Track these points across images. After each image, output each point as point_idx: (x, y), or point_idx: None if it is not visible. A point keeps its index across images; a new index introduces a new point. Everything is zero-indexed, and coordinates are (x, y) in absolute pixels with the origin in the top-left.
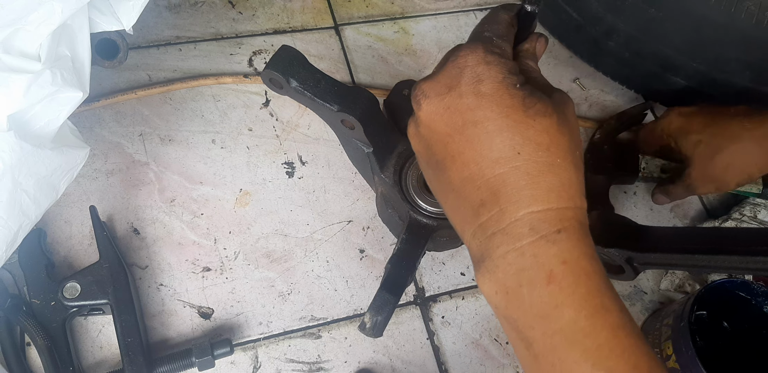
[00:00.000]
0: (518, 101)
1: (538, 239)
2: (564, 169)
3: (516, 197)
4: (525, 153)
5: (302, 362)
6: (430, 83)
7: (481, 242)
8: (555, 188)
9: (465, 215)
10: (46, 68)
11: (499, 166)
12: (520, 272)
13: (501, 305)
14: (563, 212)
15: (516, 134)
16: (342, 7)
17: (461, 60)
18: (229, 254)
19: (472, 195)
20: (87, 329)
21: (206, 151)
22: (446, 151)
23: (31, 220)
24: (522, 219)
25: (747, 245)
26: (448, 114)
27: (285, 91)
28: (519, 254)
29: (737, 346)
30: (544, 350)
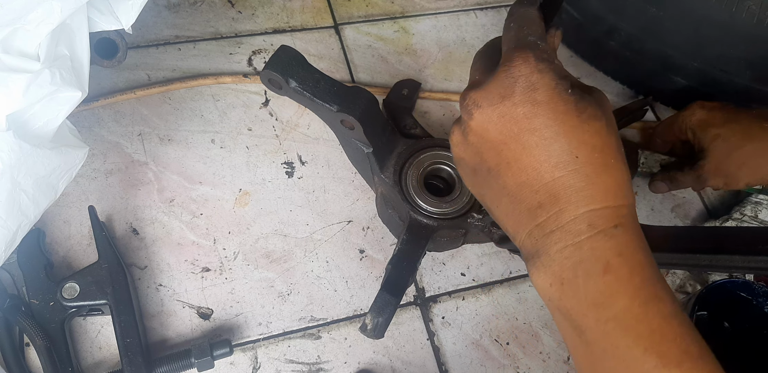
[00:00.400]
0: (572, 107)
1: (596, 233)
2: (617, 169)
3: (575, 197)
4: (582, 156)
5: (302, 363)
6: (481, 93)
7: (537, 240)
8: (611, 187)
9: (520, 217)
10: (45, 68)
11: (558, 171)
12: (578, 264)
13: (555, 296)
14: (619, 210)
15: (573, 139)
16: (342, 6)
17: (515, 70)
18: (229, 254)
19: (528, 198)
20: (86, 329)
21: (205, 151)
22: (500, 158)
23: (29, 220)
24: (581, 217)
25: (749, 245)
26: (502, 122)
27: (284, 92)
28: (577, 247)
29: (738, 346)
30: (597, 336)
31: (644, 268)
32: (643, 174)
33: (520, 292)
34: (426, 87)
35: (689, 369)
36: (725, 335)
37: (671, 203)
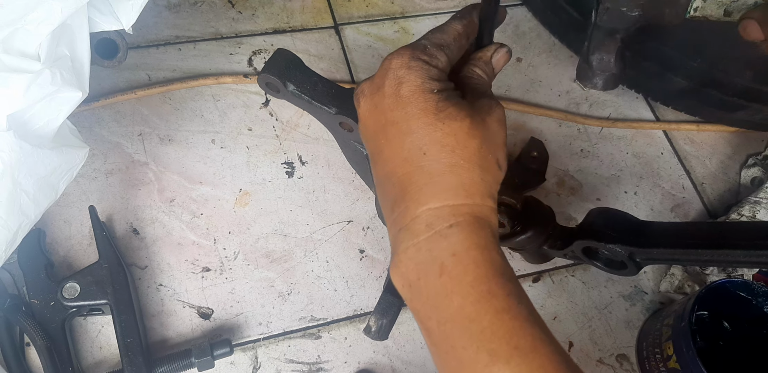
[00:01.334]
0: (431, 105)
1: (432, 234)
2: (466, 170)
3: (418, 195)
4: (430, 153)
5: (302, 363)
6: (367, 82)
7: (394, 237)
8: (453, 186)
9: (386, 210)
10: (45, 68)
11: (408, 165)
12: (418, 265)
13: (407, 297)
14: (458, 209)
15: (424, 136)
16: (342, 6)
17: (387, 63)
18: (229, 254)
19: (389, 191)
20: (86, 329)
21: (206, 151)
22: (374, 147)
23: (30, 220)
24: (420, 216)
25: (750, 239)
26: (375, 112)
27: (282, 95)
28: (417, 249)
29: (738, 346)
30: (440, 338)
31: (479, 265)
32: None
33: None
34: None
35: (518, 365)
36: (725, 335)
37: (671, 203)
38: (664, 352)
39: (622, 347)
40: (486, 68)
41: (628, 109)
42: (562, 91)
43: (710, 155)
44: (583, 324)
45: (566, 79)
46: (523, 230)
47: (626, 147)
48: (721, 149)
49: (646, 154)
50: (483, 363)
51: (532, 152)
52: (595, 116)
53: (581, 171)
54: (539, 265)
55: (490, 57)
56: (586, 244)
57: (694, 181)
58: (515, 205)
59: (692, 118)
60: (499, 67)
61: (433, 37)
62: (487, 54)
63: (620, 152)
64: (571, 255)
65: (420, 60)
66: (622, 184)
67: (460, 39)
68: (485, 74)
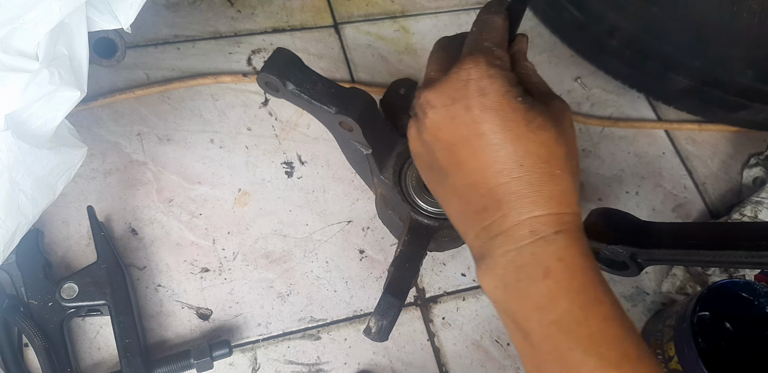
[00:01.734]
0: (520, 115)
1: (537, 239)
2: (563, 179)
3: (519, 204)
4: (527, 165)
5: (301, 364)
6: (434, 93)
7: (484, 243)
8: (555, 195)
9: (468, 218)
10: (43, 67)
11: (503, 177)
12: (519, 268)
13: (500, 298)
14: (562, 217)
15: (519, 147)
16: (342, 5)
17: (464, 73)
18: (228, 254)
19: (475, 201)
20: (85, 330)
21: (205, 150)
22: (451, 158)
23: (28, 220)
24: (523, 223)
25: (752, 240)
26: (453, 125)
27: (281, 95)
28: (519, 252)
29: (740, 347)
30: (541, 339)
31: (584, 272)
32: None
33: None
34: None
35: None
36: (727, 336)
37: (672, 203)
38: (665, 353)
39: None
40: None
41: (630, 109)
42: (563, 90)
43: (712, 155)
44: None
45: (567, 79)
46: None
47: (628, 147)
48: (722, 149)
49: (648, 154)
50: (592, 366)
51: None
52: (596, 116)
53: (583, 171)
54: None
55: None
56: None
57: (696, 181)
58: None
59: (694, 118)
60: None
61: (490, 37)
62: (523, 46)
63: (622, 152)
64: None
65: (496, 66)
66: (624, 184)
67: (506, 34)
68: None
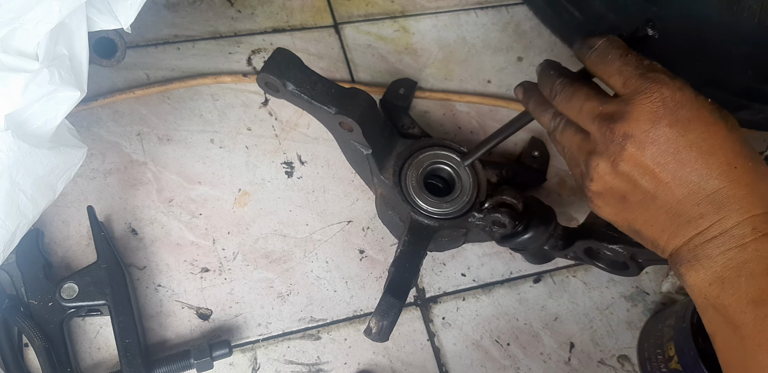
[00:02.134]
0: (717, 118)
1: (760, 236)
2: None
3: (738, 205)
4: (740, 166)
5: (301, 364)
6: (629, 123)
7: (697, 246)
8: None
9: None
10: (43, 67)
11: (720, 181)
12: (742, 264)
13: (713, 294)
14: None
15: (728, 150)
16: (342, 5)
17: (658, 94)
18: (228, 254)
19: (689, 211)
20: (85, 330)
21: (205, 150)
22: (657, 180)
23: (28, 220)
24: (744, 222)
25: None
26: (657, 145)
27: (281, 95)
28: (741, 249)
29: None
30: (754, 332)
31: None
32: None
33: (520, 292)
34: (426, 86)
35: None
36: None
37: None
38: (665, 353)
39: (624, 348)
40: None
41: None
42: None
43: None
44: (584, 325)
45: None
46: (524, 230)
47: None
48: None
49: None
50: None
51: (533, 152)
52: None
53: None
54: (540, 266)
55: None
56: (587, 244)
57: None
58: (516, 205)
59: None
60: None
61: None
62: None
63: None
64: (572, 255)
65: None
66: None
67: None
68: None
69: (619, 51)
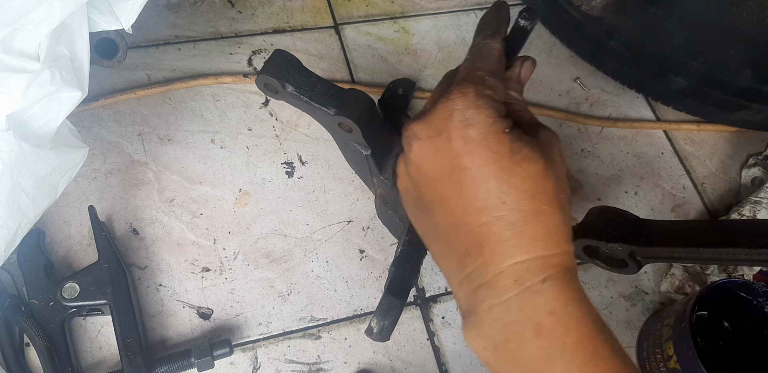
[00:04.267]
0: (505, 147)
1: (523, 290)
2: (550, 216)
3: (500, 248)
4: (510, 202)
5: (302, 363)
6: (421, 125)
7: (468, 294)
8: (540, 236)
9: (451, 263)
10: (45, 68)
11: (484, 215)
12: (507, 326)
13: (491, 361)
14: (548, 260)
15: (501, 182)
16: (342, 6)
17: (450, 103)
18: (229, 254)
19: (458, 243)
20: (86, 329)
21: (205, 151)
22: (434, 195)
23: (29, 220)
24: (506, 271)
25: (750, 237)
26: (437, 157)
27: (281, 96)
28: (505, 308)
29: (738, 346)
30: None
31: (580, 323)
32: None
33: None
34: (426, 87)
35: None
36: (725, 335)
37: (671, 203)
38: (664, 352)
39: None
40: (518, 87)
41: (629, 109)
42: (562, 90)
43: (711, 155)
44: None
45: (567, 79)
46: None
47: (627, 147)
48: (721, 149)
49: (647, 154)
50: None
51: None
52: (595, 116)
53: (582, 171)
54: None
55: (519, 74)
56: (586, 243)
57: (695, 181)
58: None
59: (693, 118)
60: (526, 80)
61: (484, 65)
62: (516, 72)
63: (621, 152)
64: None
65: (486, 97)
66: (623, 184)
67: (502, 61)
68: (520, 95)
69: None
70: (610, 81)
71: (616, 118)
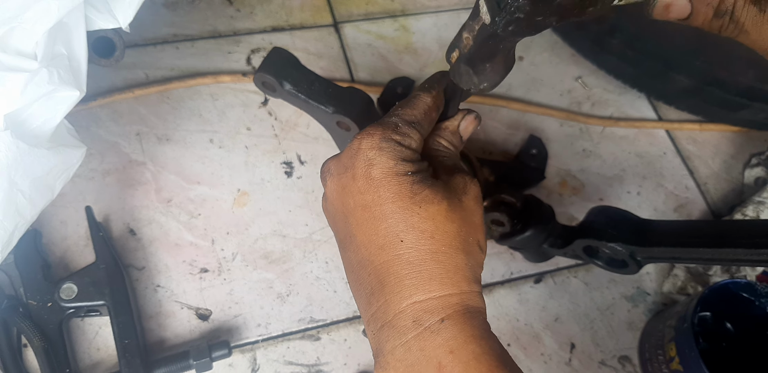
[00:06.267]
0: (406, 188)
1: (422, 331)
2: (448, 256)
3: (398, 287)
4: (408, 241)
5: (301, 365)
6: (334, 161)
7: (374, 334)
8: (436, 276)
9: (361, 300)
10: (42, 67)
11: (384, 254)
12: (410, 367)
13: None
14: (446, 300)
15: (400, 221)
16: (341, 4)
17: (356, 143)
18: (227, 254)
19: (365, 281)
20: (84, 330)
21: (204, 150)
22: (346, 230)
23: (26, 220)
24: (405, 311)
25: (751, 238)
26: (344, 194)
27: (278, 94)
28: (406, 349)
29: (741, 347)
30: None
31: (480, 361)
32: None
33: (521, 293)
34: None
35: None
36: (728, 336)
37: (674, 203)
38: (666, 353)
39: (625, 348)
40: (453, 138)
41: (631, 109)
42: (563, 90)
43: (713, 155)
44: (585, 326)
45: (568, 78)
46: (523, 228)
47: (629, 147)
48: (724, 149)
49: (649, 154)
50: None
51: (531, 150)
52: (597, 116)
53: (583, 171)
54: (541, 266)
55: (457, 127)
56: (586, 243)
57: (698, 181)
58: (515, 203)
59: (695, 118)
60: (468, 134)
61: (403, 114)
62: (454, 124)
63: (623, 152)
64: (571, 254)
65: (392, 141)
66: (625, 184)
67: (430, 113)
68: (452, 145)
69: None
70: (611, 80)
71: (618, 118)
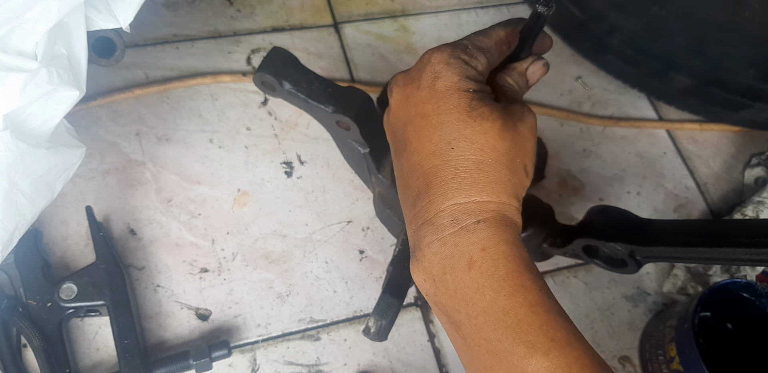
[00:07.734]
0: (465, 102)
1: (459, 229)
2: (493, 168)
3: (443, 189)
4: (458, 148)
5: (301, 365)
6: (402, 74)
7: (414, 232)
8: (479, 182)
9: (407, 204)
10: (42, 67)
11: (435, 158)
12: (444, 260)
13: (430, 292)
14: (485, 205)
15: (454, 131)
16: (342, 4)
17: (426, 57)
18: (227, 254)
19: (413, 184)
20: (83, 330)
21: (204, 150)
22: (403, 138)
23: (27, 220)
24: (445, 211)
25: (751, 237)
26: (407, 103)
27: (278, 94)
28: (442, 243)
29: (741, 347)
30: (471, 331)
31: (509, 260)
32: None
33: None
34: None
35: (556, 357)
36: (728, 337)
37: (674, 203)
38: (667, 353)
39: (625, 348)
40: (519, 79)
41: (631, 108)
42: (564, 90)
43: (713, 155)
44: (585, 326)
45: (568, 78)
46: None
47: (629, 146)
48: (724, 149)
49: (649, 154)
50: (520, 355)
51: None
52: (597, 115)
53: (583, 171)
54: (541, 266)
55: (525, 69)
56: (586, 242)
57: (698, 181)
58: None
59: (695, 118)
60: (534, 79)
61: (475, 39)
62: (523, 66)
63: (623, 152)
64: (570, 253)
65: (459, 59)
66: (625, 184)
67: (501, 45)
68: (518, 85)
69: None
70: (612, 80)
71: (618, 118)
